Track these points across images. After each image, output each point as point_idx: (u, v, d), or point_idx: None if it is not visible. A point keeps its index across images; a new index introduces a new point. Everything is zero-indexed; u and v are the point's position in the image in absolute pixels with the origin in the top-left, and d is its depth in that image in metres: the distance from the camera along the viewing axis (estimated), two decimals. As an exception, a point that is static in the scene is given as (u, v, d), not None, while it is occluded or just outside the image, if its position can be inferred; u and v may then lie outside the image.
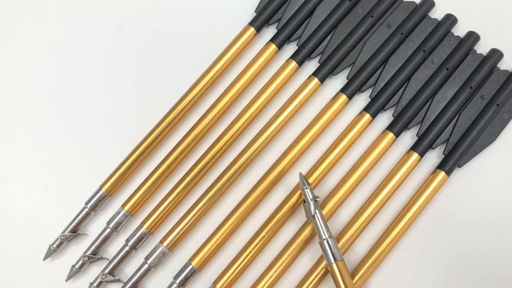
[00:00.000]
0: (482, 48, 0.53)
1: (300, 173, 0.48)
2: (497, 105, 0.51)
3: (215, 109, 0.51)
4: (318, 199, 0.47)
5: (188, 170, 0.50)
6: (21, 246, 0.50)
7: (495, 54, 0.52)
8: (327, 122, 0.51)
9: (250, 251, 0.47)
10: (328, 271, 0.47)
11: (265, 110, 0.52)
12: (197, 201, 0.49)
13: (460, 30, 0.54)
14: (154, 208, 0.49)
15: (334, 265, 0.45)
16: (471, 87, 0.51)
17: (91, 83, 0.54)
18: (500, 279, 0.48)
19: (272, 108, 0.52)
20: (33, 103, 0.54)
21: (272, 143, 0.51)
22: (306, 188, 0.47)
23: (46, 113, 0.54)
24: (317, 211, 0.46)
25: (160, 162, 0.50)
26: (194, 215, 0.48)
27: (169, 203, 0.49)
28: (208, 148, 0.50)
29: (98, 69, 0.55)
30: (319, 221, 0.46)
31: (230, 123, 0.51)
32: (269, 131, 0.50)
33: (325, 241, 0.46)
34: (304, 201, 0.47)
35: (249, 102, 0.51)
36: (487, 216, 0.50)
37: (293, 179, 0.51)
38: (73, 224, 0.49)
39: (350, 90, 0.52)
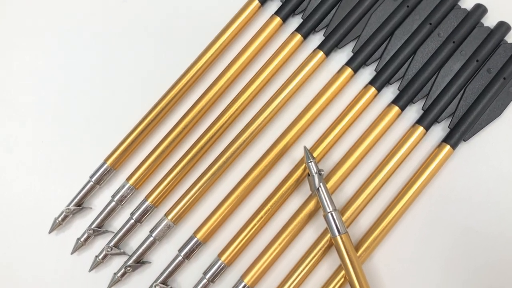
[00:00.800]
0: (489, 21, 0.53)
1: (305, 147, 0.48)
2: (504, 78, 0.50)
3: (219, 83, 0.51)
4: (322, 173, 0.47)
5: (193, 144, 0.50)
6: (26, 220, 0.50)
7: (503, 27, 0.52)
8: (332, 95, 0.50)
9: (255, 224, 0.47)
10: (332, 244, 0.47)
11: (270, 83, 0.52)
12: (202, 174, 0.49)
13: (467, 3, 0.53)
14: (159, 182, 0.49)
15: (339, 238, 0.45)
16: (477, 61, 0.51)
17: (96, 56, 0.54)
18: (503, 255, 0.49)
19: (277, 82, 0.52)
20: (37, 77, 0.54)
21: (277, 117, 0.51)
22: (310, 162, 0.47)
23: (51, 87, 0.53)
24: (321, 184, 0.46)
25: (165, 136, 0.50)
26: (199, 189, 0.48)
27: (174, 177, 0.49)
28: (213, 122, 0.50)
29: (102, 42, 0.54)
30: (323, 194, 0.46)
31: (235, 97, 0.51)
32: (274, 105, 0.50)
33: (329, 214, 0.46)
34: (309, 175, 0.47)
35: (254, 76, 0.51)
36: (492, 190, 0.50)
37: (297, 152, 0.50)
38: (78, 197, 0.49)
39: (355, 64, 0.51)
